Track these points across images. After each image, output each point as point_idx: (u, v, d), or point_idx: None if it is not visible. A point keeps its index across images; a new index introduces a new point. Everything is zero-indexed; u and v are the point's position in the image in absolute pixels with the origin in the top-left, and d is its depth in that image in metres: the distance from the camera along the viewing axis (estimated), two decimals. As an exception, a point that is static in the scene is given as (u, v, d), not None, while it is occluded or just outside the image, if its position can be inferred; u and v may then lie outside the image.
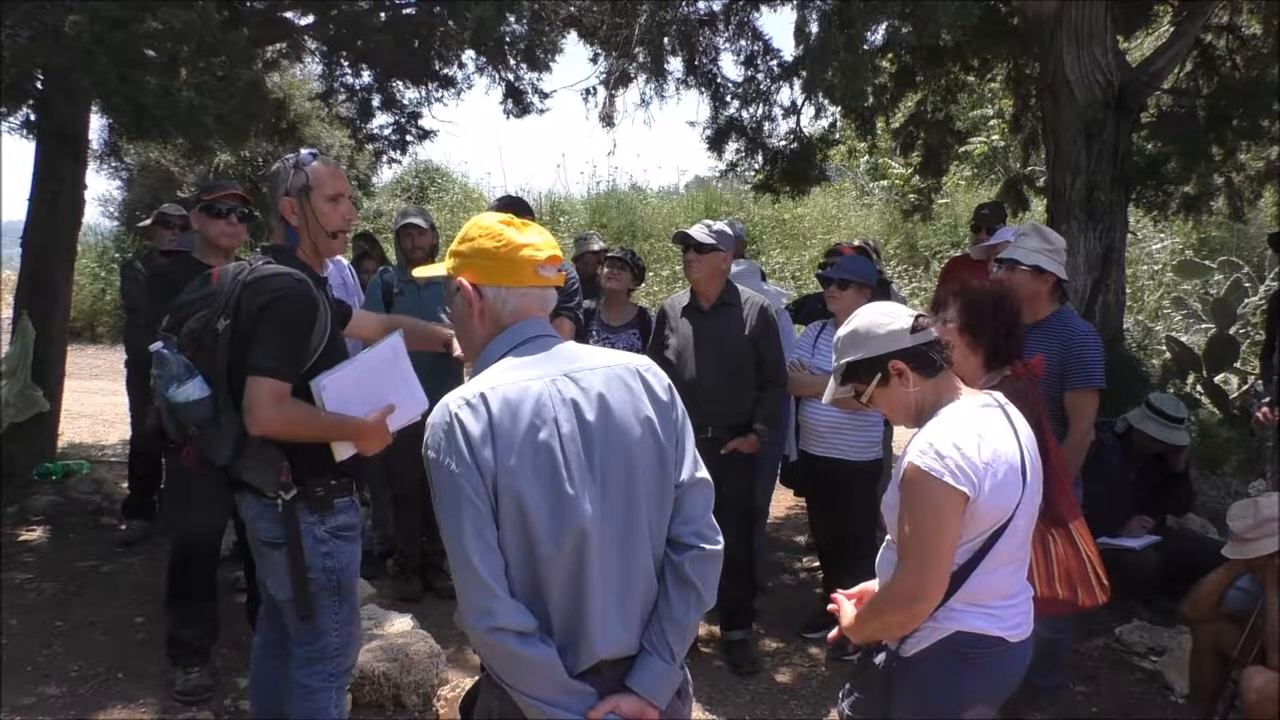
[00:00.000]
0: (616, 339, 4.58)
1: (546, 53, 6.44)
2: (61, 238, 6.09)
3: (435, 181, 16.78)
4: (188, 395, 2.37)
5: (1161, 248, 11.32)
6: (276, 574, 2.54)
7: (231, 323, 2.40)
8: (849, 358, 2.18)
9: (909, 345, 2.11)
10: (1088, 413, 3.39)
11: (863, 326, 2.16)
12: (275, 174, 2.59)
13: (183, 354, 2.42)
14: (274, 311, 2.39)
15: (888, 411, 2.25)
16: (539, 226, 1.83)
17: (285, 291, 2.41)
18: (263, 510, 2.50)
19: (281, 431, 2.40)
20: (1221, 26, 6.52)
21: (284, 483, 2.45)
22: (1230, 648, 3.34)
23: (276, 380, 2.37)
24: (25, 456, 5.94)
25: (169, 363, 2.39)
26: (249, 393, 2.35)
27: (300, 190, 2.53)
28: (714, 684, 3.86)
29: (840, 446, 4.03)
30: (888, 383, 2.14)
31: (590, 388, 1.67)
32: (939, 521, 1.96)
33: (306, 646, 2.59)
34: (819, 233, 13.91)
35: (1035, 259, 3.40)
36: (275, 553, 2.51)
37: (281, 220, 2.56)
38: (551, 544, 1.61)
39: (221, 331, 2.39)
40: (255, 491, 2.49)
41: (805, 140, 7.14)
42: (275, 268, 2.47)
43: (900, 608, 2.03)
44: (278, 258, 2.51)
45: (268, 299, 2.39)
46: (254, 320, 2.38)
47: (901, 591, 2.02)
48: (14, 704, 3.49)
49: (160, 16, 4.34)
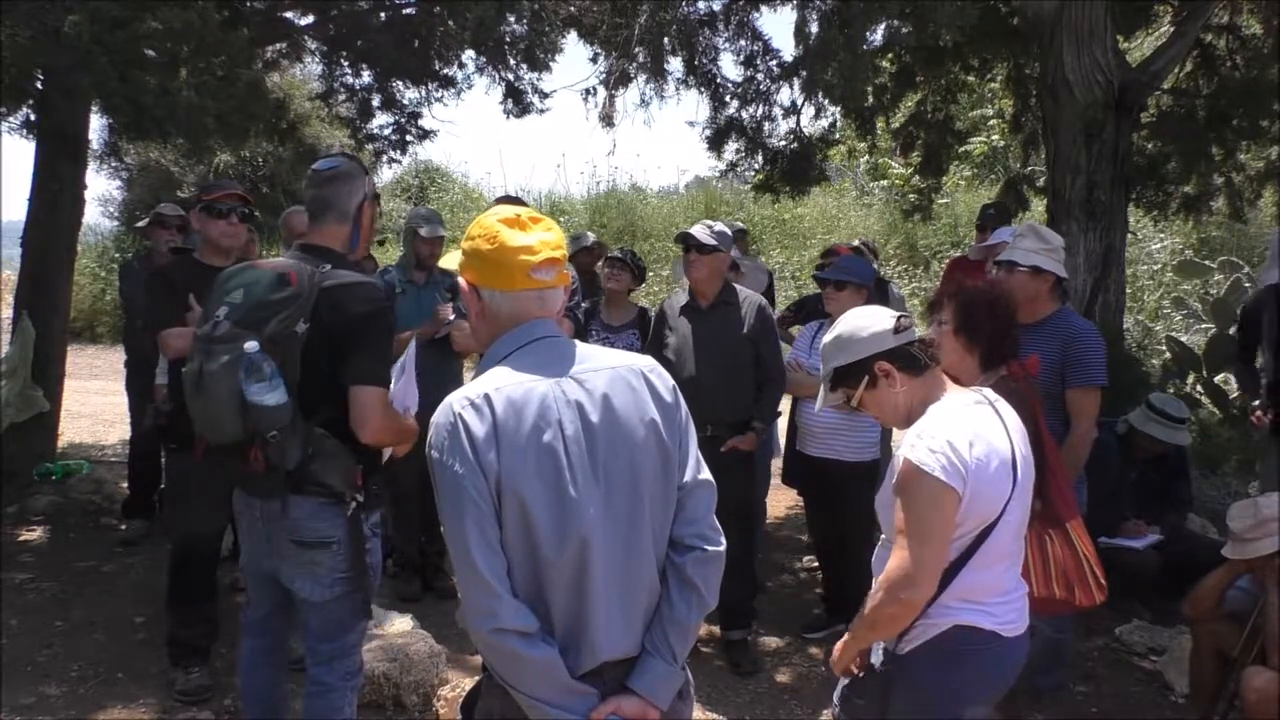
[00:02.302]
0: (616, 339, 4.59)
1: (546, 53, 6.43)
2: (61, 238, 6.09)
3: (435, 181, 16.79)
4: (278, 399, 2.32)
5: (1161, 248, 11.33)
6: (316, 574, 2.50)
7: (311, 327, 2.37)
8: (835, 363, 2.20)
9: (893, 345, 2.12)
10: (1090, 411, 3.39)
11: (845, 332, 2.18)
12: (349, 177, 2.58)
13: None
14: (376, 322, 2.44)
15: (878, 414, 2.24)
16: (549, 223, 1.79)
17: (383, 303, 2.48)
18: (318, 510, 2.47)
19: (389, 439, 2.49)
20: (1221, 26, 6.52)
21: (359, 485, 2.49)
22: (1230, 648, 3.34)
23: (383, 389, 2.43)
24: (25, 456, 5.94)
25: (260, 365, 2.30)
26: (362, 402, 2.38)
27: (375, 198, 2.60)
28: (714, 684, 3.87)
29: (837, 447, 4.04)
30: (876, 385, 2.15)
31: (595, 389, 1.67)
32: (935, 513, 1.98)
33: (330, 644, 2.59)
34: (819, 233, 13.91)
35: (1033, 259, 3.41)
36: (319, 553, 2.48)
37: (355, 225, 2.58)
38: (554, 546, 1.61)
39: (300, 335, 2.36)
40: (313, 493, 2.45)
41: (805, 140, 7.13)
42: (356, 275, 2.50)
43: (892, 598, 2.01)
44: (335, 262, 2.50)
45: (368, 309, 2.41)
46: (351, 329, 2.38)
47: (894, 579, 2.01)
48: (14, 704, 3.49)
49: (160, 16, 4.34)
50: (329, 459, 2.43)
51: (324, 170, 2.59)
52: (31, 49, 4.12)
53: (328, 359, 2.38)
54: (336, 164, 2.61)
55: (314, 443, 2.41)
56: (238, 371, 2.28)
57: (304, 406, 2.38)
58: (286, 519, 2.49)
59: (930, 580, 2.00)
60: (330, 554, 2.49)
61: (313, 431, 2.41)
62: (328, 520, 2.48)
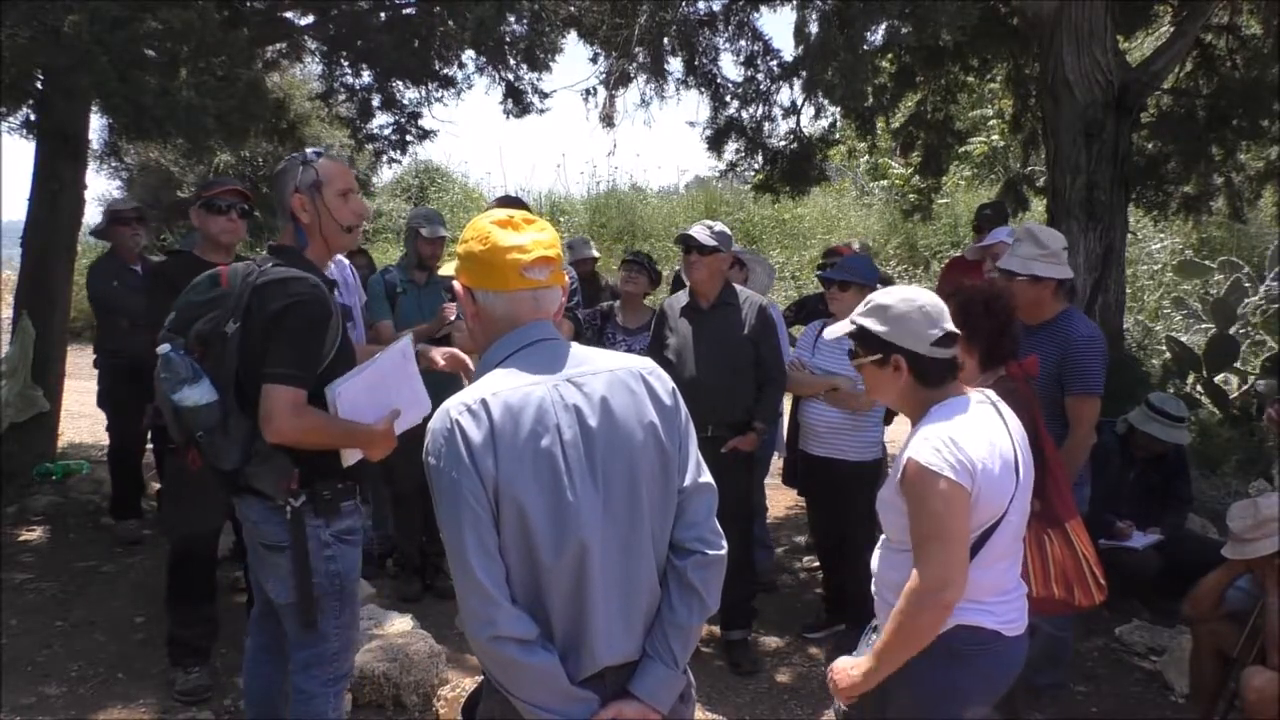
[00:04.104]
0: (633, 341, 4.59)
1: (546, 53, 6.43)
2: (61, 238, 6.09)
3: (435, 181, 16.78)
4: (196, 399, 2.31)
5: (1161, 248, 11.32)
6: (278, 578, 2.50)
7: (241, 326, 2.35)
8: (866, 324, 2.15)
9: (921, 353, 2.09)
10: (1088, 418, 3.39)
11: (898, 309, 2.11)
12: (282, 172, 2.53)
13: (190, 356, 2.37)
14: (291, 318, 2.34)
15: (869, 384, 2.25)
16: (542, 224, 1.78)
17: (302, 297, 2.36)
18: (267, 514, 2.46)
19: (299, 440, 2.37)
20: (1221, 26, 6.52)
21: (293, 489, 2.43)
22: (1230, 648, 3.34)
23: (294, 388, 2.33)
24: (25, 456, 5.95)
25: (176, 365, 2.32)
26: (266, 401, 2.31)
27: (311, 186, 2.47)
28: (714, 684, 3.87)
29: (839, 446, 4.03)
30: (882, 367, 2.14)
31: (593, 392, 1.66)
32: (950, 510, 1.97)
33: (306, 650, 2.56)
34: (819, 233, 13.91)
35: (1031, 267, 3.39)
36: (277, 556, 2.48)
37: (291, 219, 2.51)
38: (552, 551, 1.60)
39: (231, 334, 2.35)
40: (259, 495, 2.45)
41: (805, 140, 7.14)
42: (287, 271, 2.41)
43: (929, 603, 1.99)
44: (286, 259, 2.46)
45: (283, 304, 2.34)
46: (268, 326, 2.34)
47: (928, 584, 1.98)
48: (14, 704, 3.49)
49: (160, 16, 4.33)
50: (262, 461, 2.40)
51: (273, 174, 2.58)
52: (31, 49, 4.11)
53: (256, 356, 2.35)
54: (281, 164, 2.57)
55: (255, 444, 2.38)
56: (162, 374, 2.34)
57: (245, 407, 2.36)
58: (248, 520, 2.51)
59: (964, 577, 1.99)
60: (285, 558, 2.47)
61: (253, 432, 2.37)
62: (274, 524, 2.46)
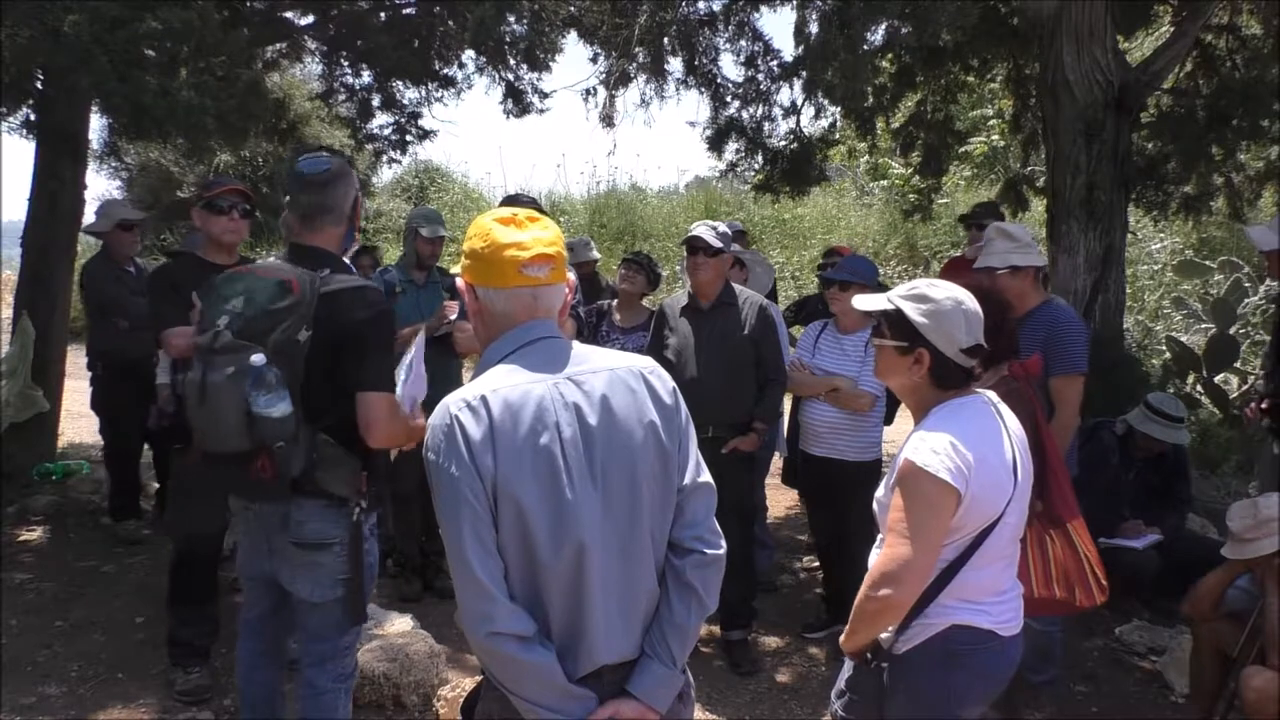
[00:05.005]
0: (627, 340, 4.59)
1: (546, 53, 6.43)
2: (61, 238, 6.08)
3: (435, 181, 16.78)
4: (283, 410, 2.28)
5: (1161, 248, 11.31)
6: (316, 575, 2.49)
7: (313, 334, 2.34)
8: (908, 309, 2.10)
9: (947, 354, 2.08)
10: (1073, 399, 3.46)
11: (943, 305, 2.08)
12: (343, 175, 2.54)
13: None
14: (379, 327, 2.43)
15: (882, 366, 2.21)
16: (546, 223, 1.78)
17: (384, 306, 2.46)
18: (321, 512, 2.47)
19: (398, 442, 2.49)
20: (1221, 26, 6.51)
21: (363, 490, 2.49)
22: (1230, 648, 3.34)
23: (391, 393, 2.42)
24: (25, 456, 5.94)
25: (269, 378, 2.25)
26: (368, 409, 2.37)
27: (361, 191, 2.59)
28: (714, 684, 3.87)
29: (839, 447, 4.03)
30: (904, 354, 2.11)
31: (593, 391, 1.66)
32: (930, 512, 1.97)
33: (324, 644, 2.59)
34: (819, 233, 13.91)
35: (1010, 259, 3.52)
36: (318, 554, 2.48)
37: (350, 225, 2.56)
38: (551, 549, 1.60)
39: (303, 343, 2.33)
40: (316, 496, 2.45)
41: (805, 140, 7.13)
42: (355, 279, 2.48)
43: (871, 594, 1.99)
44: (332, 265, 2.48)
45: (370, 314, 2.39)
46: (354, 335, 2.36)
47: (875, 576, 1.99)
48: (14, 704, 3.49)
49: (160, 16, 4.32)
50: (333, 465, 2.43)
51: (318, 174, 2.51)
52: (31, 49, 4.11)
53: (330, 365, 2.37)
54: (328, 165, 2.54)
55: (318, 449, 2.40)
56: (243, 384, 2.24)
57: (309, 413, 2.37)
58: (287, 522, 2.49)
59: (915, 581, 1.98)
60: (332, 555, 2.49)
61: (316, 438, 2.40)
62: (330, 521, 2.48)
